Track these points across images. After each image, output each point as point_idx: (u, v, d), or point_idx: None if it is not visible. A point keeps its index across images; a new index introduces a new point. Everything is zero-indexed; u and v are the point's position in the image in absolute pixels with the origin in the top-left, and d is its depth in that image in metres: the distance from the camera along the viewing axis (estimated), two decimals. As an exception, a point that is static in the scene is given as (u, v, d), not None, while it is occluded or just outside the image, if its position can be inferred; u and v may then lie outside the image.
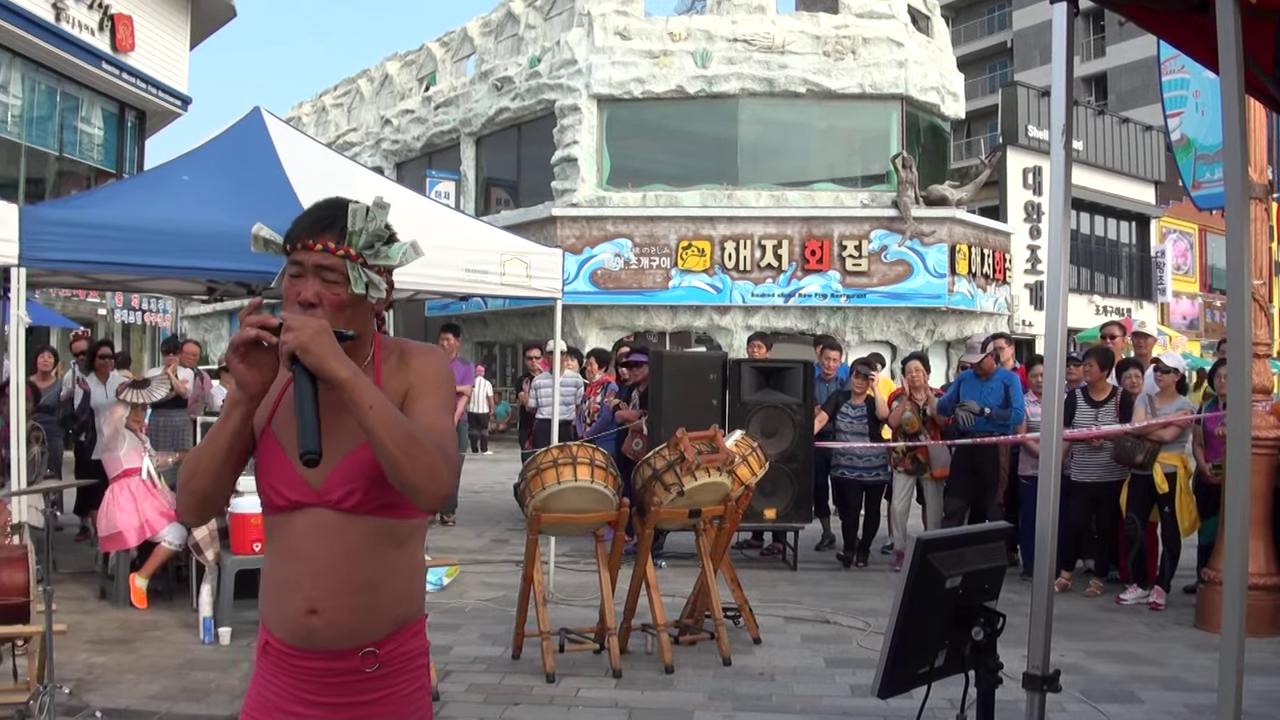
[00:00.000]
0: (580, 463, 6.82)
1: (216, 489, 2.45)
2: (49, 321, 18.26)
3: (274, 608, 2.46)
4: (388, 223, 2.51)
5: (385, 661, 2.48)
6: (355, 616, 2.42)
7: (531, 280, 9.07)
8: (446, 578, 9.63)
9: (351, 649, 2.44)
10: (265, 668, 2.52)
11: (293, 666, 2.46)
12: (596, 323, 25.26)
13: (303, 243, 2.42)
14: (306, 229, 2.44)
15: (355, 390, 2.25)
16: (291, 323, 2.25)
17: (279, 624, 2.46)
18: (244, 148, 8.57)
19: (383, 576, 2.45)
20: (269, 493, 2.45)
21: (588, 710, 6.16)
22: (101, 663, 6.95)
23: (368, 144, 35.14)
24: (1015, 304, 28.65)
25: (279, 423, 2.45)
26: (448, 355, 13.44)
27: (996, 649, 2.96)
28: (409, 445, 2.27)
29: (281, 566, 2.45)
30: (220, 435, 2.39)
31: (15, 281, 7.12)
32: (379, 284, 2.50)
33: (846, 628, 8.14)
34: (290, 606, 2.41)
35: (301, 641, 2.43)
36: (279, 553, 2.46)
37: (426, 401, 2.50)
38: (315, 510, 2.40)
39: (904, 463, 10.55)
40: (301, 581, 2.40)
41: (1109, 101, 45.87)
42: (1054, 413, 3.48)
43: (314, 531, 2.40)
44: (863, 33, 26.18)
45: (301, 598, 2.39)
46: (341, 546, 2.41)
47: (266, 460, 2.45)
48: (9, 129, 18.92)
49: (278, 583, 2.45)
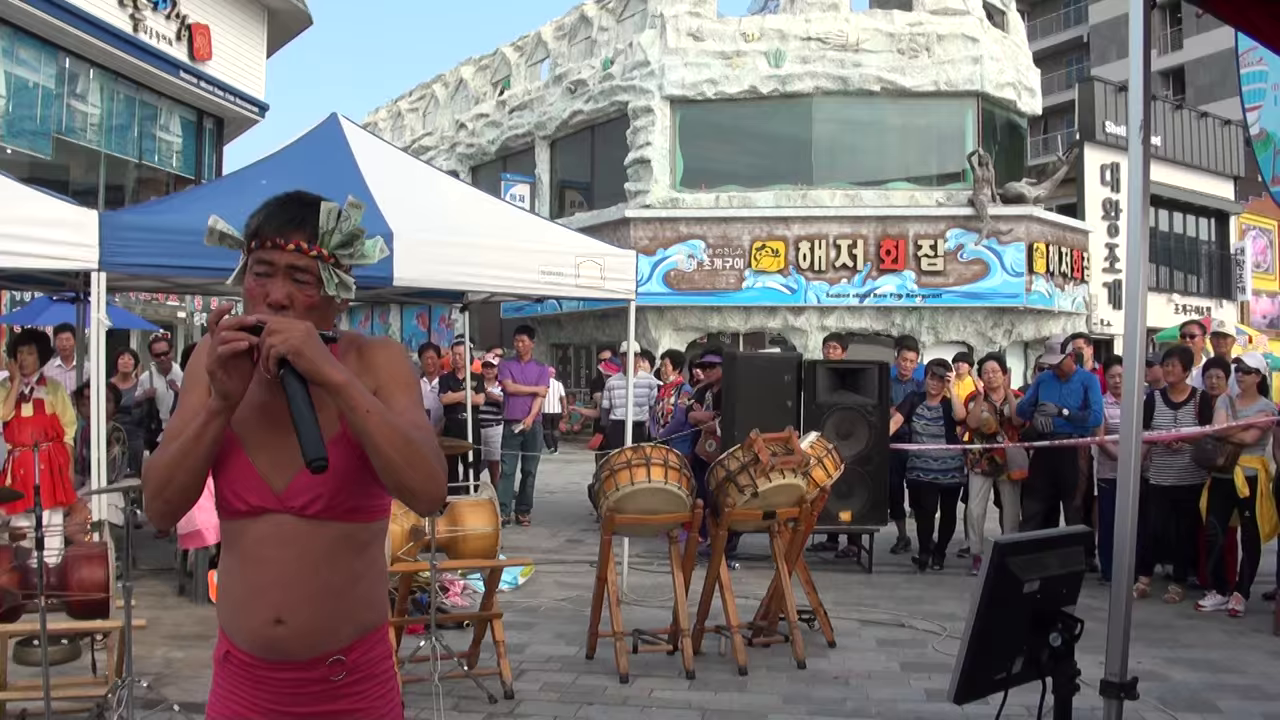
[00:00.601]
0: (654, 464, 6.84)
1: (190, 499, 2.35)
2: (129, 324, 18.60)
3: (236, 618, 2.38)
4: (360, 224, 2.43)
5: (352, 669, 2.43)
6: (322, 625, 2.36)
7: (605, 282, 9.10)
8: (521, 577, 9.70)
9: (319, 658, 2.38)
10: (226, 678, 2.45)
11: (257, 677, 2.39)
12: (670, 324, 25.27)
13: (272, 241, 2.33)
14: (276, 227, 2.34)
15: (351, 395, 2.21)
16: (276, 325, 2.20)
17: (242, 635, 2.38)
18: (321, 153, 8.68)
19: (348, 583, 2.39)
20: (229, 497, 2.36)
21: (661, 711, 6.17)
22: (179, 658, 7.08)
23: (443, 148, 35.40)
24: (1093, 303, 28.21)
25: (241, 424, 2.35)
26: (522, 356, 13.57)
27: (1074, 655, 2.93)
28: (408, 450, 2.25)
29: (243, 575, 2.36)
30: (199, 446, 2.27)
31: (95, 285, 7.28)
32: (349, 284, 2.42)
33: (922, 632, 8.08)
34: (255, 617, 2.33)
35: (267, 652, 2.36)
36: (240, 561, 2.36)
37: (401, 399, 2.43)
38: (277, 516, 2.32)
39: (981, 464, 10.45)
40: (266, 591, 2.32)
41: (1187, 95, 45.02)
42: (1133, 415, 3.43)
43: (276, 539, 2.32)
44: (937, 29, 25.94)
45: (266, 607, 2.32)
46: (306, 554, 2.33)
47: (227, 463, 2.36)
48: (88, 137, 19.30)
49: (240, 593, 2.36)
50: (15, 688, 5.63)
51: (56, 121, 18.29)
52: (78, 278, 9.11)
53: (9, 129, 17.23)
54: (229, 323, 2.21)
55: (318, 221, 2.36)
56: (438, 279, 8.38)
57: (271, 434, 2.35)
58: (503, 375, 13.58)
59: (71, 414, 8.68)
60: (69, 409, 8.69)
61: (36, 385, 8.61)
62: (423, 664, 6.33)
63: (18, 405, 8.51)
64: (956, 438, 10.76)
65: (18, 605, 5.44)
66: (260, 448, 2.35)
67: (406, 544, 6.59)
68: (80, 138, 19.09)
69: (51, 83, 18.10)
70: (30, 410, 8.52)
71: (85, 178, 19.78)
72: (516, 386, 13.42)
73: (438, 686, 5.87)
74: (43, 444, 8.41)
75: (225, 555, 2.43)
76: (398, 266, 7.89)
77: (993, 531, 10.23)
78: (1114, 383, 9.97)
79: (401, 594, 6.56)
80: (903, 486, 11.21)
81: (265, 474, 2.33)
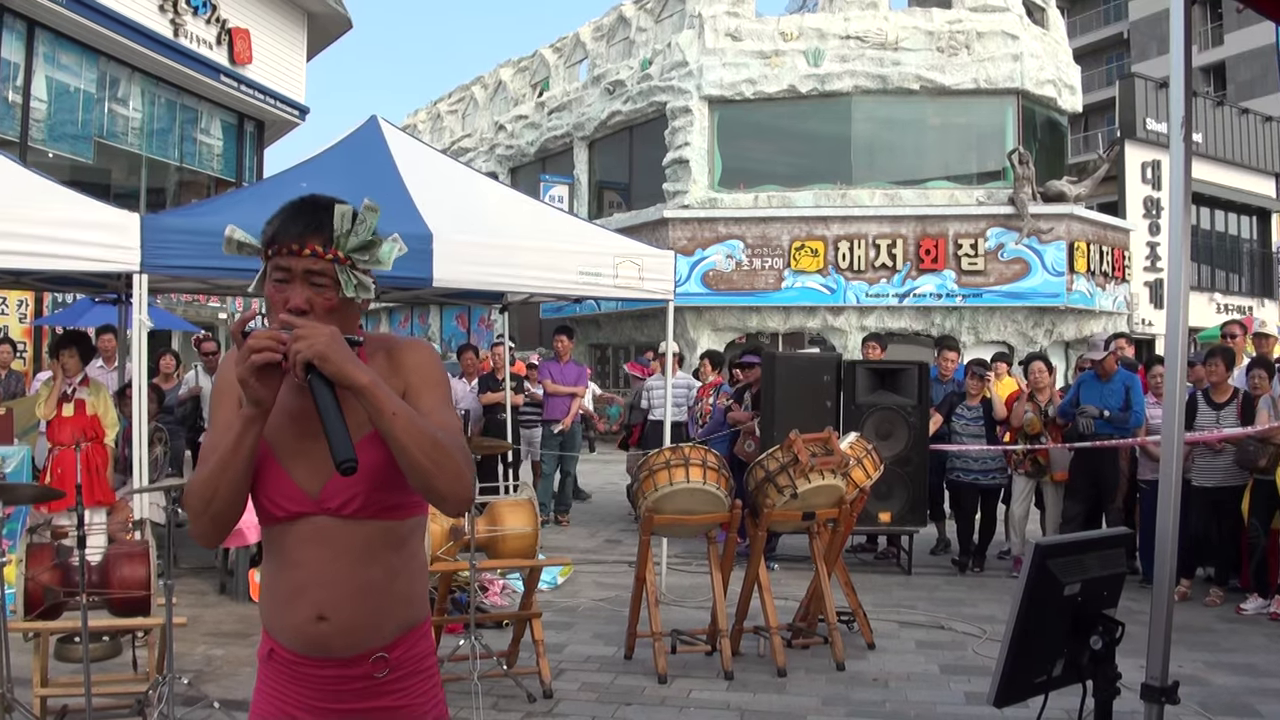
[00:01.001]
0: (692, 464, 6.83)
1: (236, 511, 2.37)
2: (170, 325, 18.77)
3: (279, 617, 2.41)
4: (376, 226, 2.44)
5: (395, 666, 2.45)
6: (364, 622, 2.39)
7: (644, 282, 9.11)
8: (560, 577, 9.71)
9: (362, 655, 2.40)
10: (271, 676, 2.47)
11: (302, 675, 2.42)
12: (708, 324, 25.24)
13: (288, 247, 2.34)
14: (292, 233, 2.35)
15: (377, 397, 2.22)
16: (302, 330, 2.21)
17: (285, 633, 2.41)
18: (361, 155, 8.73)
19: (387, 579, 2.41)
20: (266, 505, 2.38)
21: (699, 712, 6.16)
22: (220, 655, 7.14)
23: (482, 149, 35.51)
24: (1135, 303, 27.97)
25: (271, 432, 2.36)
26: (561, 357, 13.59)
27: (1115, 659, 2.90)
28: (435, 451, 2.25)
29: (285, 576, 2.39)
30: (238, 457, 2.29)
31: (137, 287, 7.35)
32: (368, 285, 2.42)
33: (962, 634, 8.04)
34: (298, 615, 2.36)
35: (311, 649, 2.39)
36: (281, 563, 2.40)
37: (429, 399, 2.44)
38: (315, 519, 2.35)
39: (1024, 465, 10.37)
40: (307, 589, 2.35)
41: (1228, 92, 44.47)
42: (1175, 415, 3.39)
43: (316, 540, 2.35)
44: (977, 26, 25.78)
45: (308, 605, 2.35)
46: (344, 552, 2.35)
47: (261, 472, 2.38)
48: (129, 141, 19.51)
49: (282, 593, 2.40)
50: (57, 684, 5.69)
51: (98, 125, 18.49)
52: (120, 280, 9.21)
53: (50, 133, 17.43)
54: (260, 335, 2.21)
55: (332, 225, 2.36)
56: (477, 280, 8.40)
57: (302, 439, 2.37)
58: (542, 375, 13.62)
59: (113, 416, 8.76)
60: (110, 411, 8.78)
61: (79, 386, 8.70)
62: (462, 663, 6.34)
63: (59, 405, 8.61)
64: (997, 438, 10.69)
65: (59, 603, 5.50)
66: (292, 453, 2.37)
67: (446, 543, 6.62)
68: (121, 141, 19.29)
69: (92, 87, 18.30)
70: (71, 410, 8.62)
71: (127, 181, 19.99)
72: (555, 387, 13.45)
73: (477, 685, 5.89)
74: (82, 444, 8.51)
75: (267, 559, 2.46)
76: (437, 268, 7.91)
77: (1033, 533, 10.16)
78: (1155, 383, 9.87)
79: (441, 593, 6.58)
80: (942, 487, 11.14)
81: (300, 479, 2.35)
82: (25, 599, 5.44)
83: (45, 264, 7.32)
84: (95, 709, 5.17)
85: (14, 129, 16.54)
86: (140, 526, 6.37)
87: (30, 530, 6.03)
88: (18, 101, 16.64)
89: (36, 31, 16.81)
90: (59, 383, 8.81)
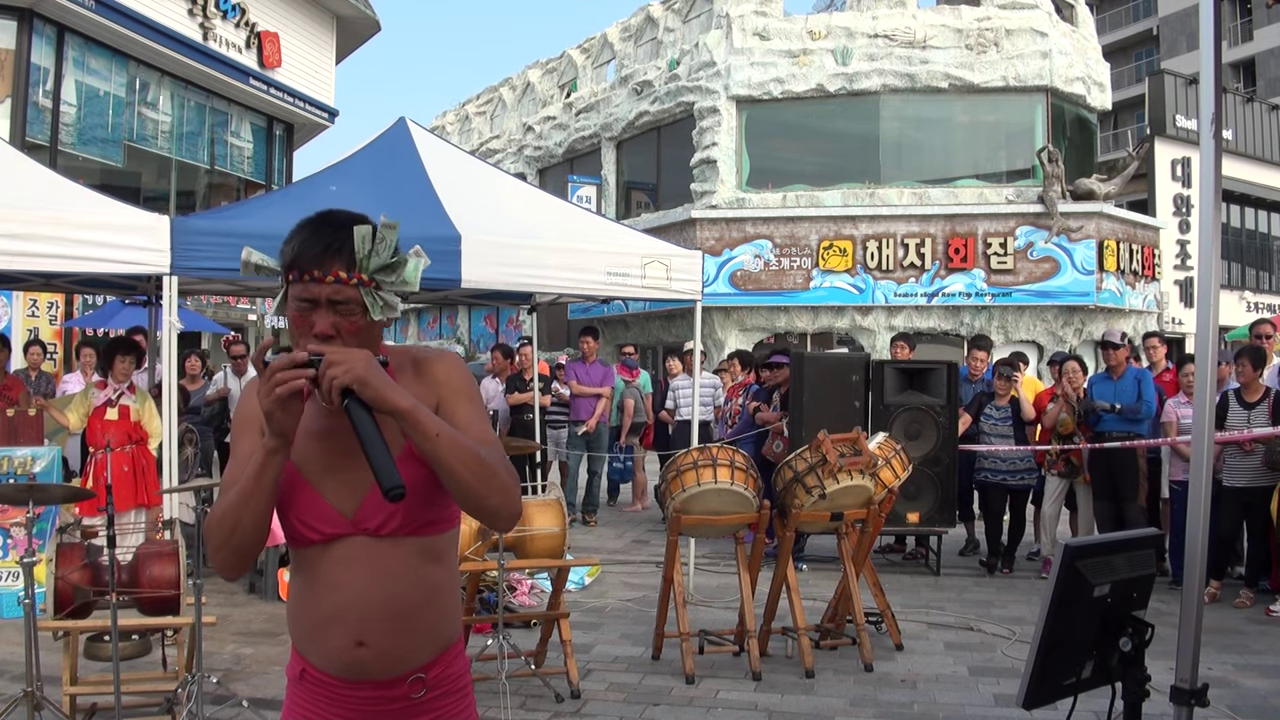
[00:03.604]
0: (720, 465, 6.82)
1: (259, 542, 2.32)
2: (200, 327, 18.91)
3: (314, 641, 2.36)
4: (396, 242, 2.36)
5: (433, 685, 2.42)
6: (402, 644, 2.35)
7: (672, 283, 9.09)
8: (588, 577, 9.72)
9: (400, 677, 2.37)
10: (303, 696, 2.43)
11: (337, 696, 2.38)
12: (736, 324, 25.21)
13: (310, 274, 2.26)
14: (313, 258, 2.27)
15: (419, 419, 2.19)
16: (335, 356, 2.17)
17: (321, 657, 2.36)
18: (390, 157, 8.75)
19: (426, 598, 2.37)
20: (299, 529, 2.33)
21: (727, 712, 6.15)
22: (249, 654, 7.17)
23: (510, 151, 35.58)
24: (1165, 301, 27.77)
25: (299, 455, 2.32)
26: (587, 357, 13.60)
27: (1144, 661, 2.87)
28: (481, 470, 2.23)
29: (321, 600, 2.33)
30: (261, 488, 2.24)
31: (167, 289, 7.40)
32: (394, 304, 2.37)
33: (991, 635, 7.99)
34: (336, 640, 2.32)
35: (348, 673, 2.35)
36: (316, 586, 2.34)
37: (464, 413, 2.40)
38: (351, 540, 2.31)
39: (1058, 465, 10.30)
40: (345, 614, 2.30)
41: (1257, 88, 44.13)
42: (1205, 415, 3.36)
43: (353, 561, 2.30)
44: (1005, 24, 25.67)
45: (346, 630, 2.31)
46: (384, 574, 2.31)
47: (292, 497, 2.33)
48: (159, 144, 19.66)
49: (318, 616, 2.34)
50: (86, 682, 5.73)
51: (128, 129, 18.64)
52: (149, 282, 9.26)
53: (80, 137, 17.58)
54: (282, 361, 2.17)
55: (353, 246, 2.28)
56: (505, 281, 8.41)
57: (333, 459, 2.34)
58: (568, 376, 13.64)
59: (157, 424, 8.80)
60: (155, 419, 8.83)
61: (126, 392, 8.77)
62: (490, 663, 6.36)
63: (104, 408, 8.68)
64: (1025, 438, 10.63)
65: (89, 602, 5.54)
66: (324, 475, 2.33)
67: (474, 543, 6.63)
68: (151, 145, 19.44)
69: (122, 91, 18.45)
70: (115, 415, 8.68)
71: (157, 184, 20.14)
72: (581, 388, 13.46)
73: (505, 685, 5.90)
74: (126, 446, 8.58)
75: (296, 579, 2.41)
76: (465, 269, 7.92)
77: (1062, 534, 10.09)
78: (1186, 382, 9.79)
79: (469, 593, 6.60)
80: (971, 488, 11.09)
81: (334, 501, 2.31)
82: (55, 598, 5.48)
83: (76, 266, 7.37)
84: (124, 707, 5.20)
85: (44, 133, 16.68)
86: (170, 526, 6.41)
87: (60, 530, 6.06)
88: (48, 106, 16.79)
89: (66, 36, 16.97)
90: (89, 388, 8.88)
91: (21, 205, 6.93)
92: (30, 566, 5.11)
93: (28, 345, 13.01)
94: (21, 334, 15.20)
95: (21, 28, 16.10)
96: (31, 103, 16.36)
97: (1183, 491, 9.15)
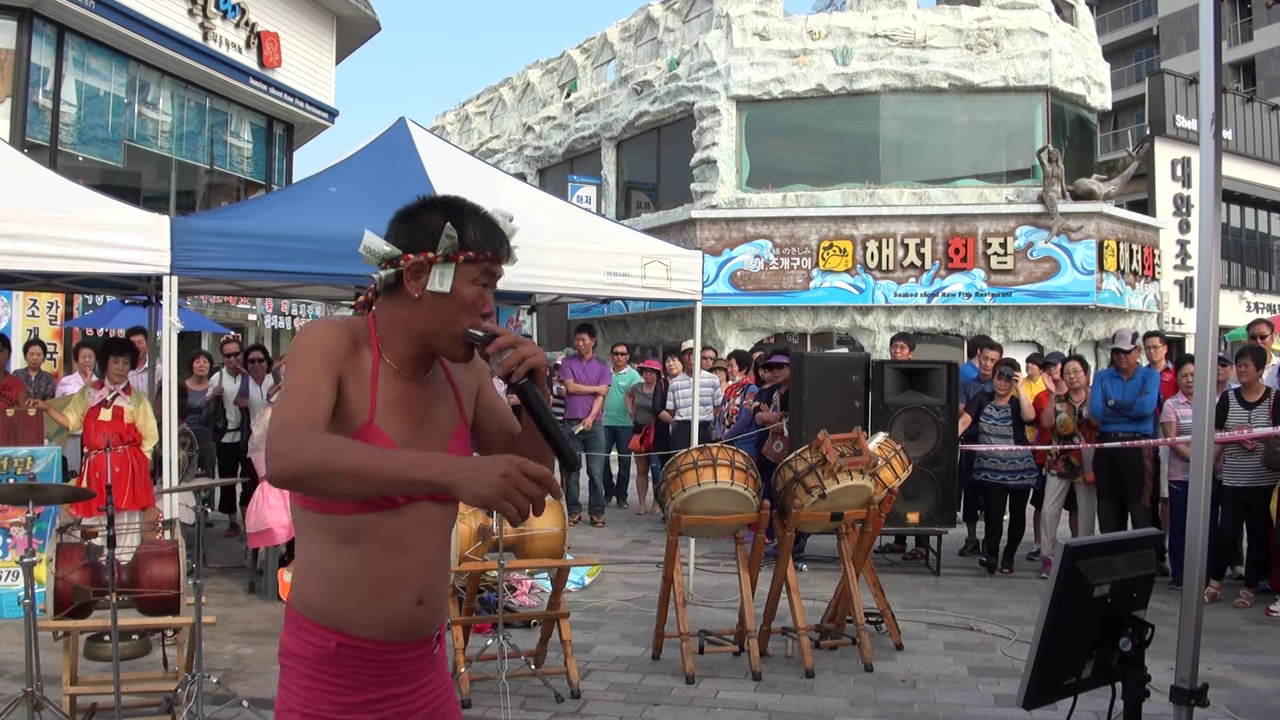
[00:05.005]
0: (720, 464, 6.82)
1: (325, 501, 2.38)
2: (200, 327, 18.88)
3: (371, 606, 2.42)
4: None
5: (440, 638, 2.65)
6: (443, 600, 2.60)
7: (671, 283, 9.09)
8: (588, 577, 9.72)
9: (435, 632, 2.59)
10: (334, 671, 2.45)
11: (382, 661, 2.47)
12: (736, 324, 25.20)
13: (496, 255, 2.52)
14: (501, 243, 2.53)
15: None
16: (527, 343, 2.41)
17: (374, 622, 2.43)
18: (390, 157, 8.75)
19: (448, 557, 2.64)
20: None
21: (727, 712, 6.15)
22: (249, 654, 7.18)
23: (510, 151, 35.56)
24: (1165, 301, 27.75)
25: (386, 422, 2.41)
26: (583, 356, 13.61)
27: (1144, 661, 2.87)
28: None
29: (386, 563, 2.42)
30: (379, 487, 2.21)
31: (167, 289, 7.40)
32: None
33: (991, 635, 8.00)
34: (400, 602, 2.44)
35: (402, 634, 2.48)
36: (379, 551, 2.41)
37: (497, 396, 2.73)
38: (421, 505, 2.44)
39: (1058, 465, 10.31)
40: (411, 575, 2.45)
41: (1257, 88, 44.09)
42: (1205, 415, 3.36)
43: (422, 526, 2.46)
44: (1005, 24, 25.65)
45: (411, 591, 2.45)
46: (439, 535, 2.53)
47: None
48: (159, 144, 19.66)
49: (381, 580, 2.42)
50: (86, 682, 5.73)
51: (128, 129, 18.64)
52: (150, 282, 9.26)
53: (80, 137, 17.57)
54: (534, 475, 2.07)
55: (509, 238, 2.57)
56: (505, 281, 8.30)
57: (412, 428, 2.47)
58: (564, 374, 13.62)
59: (152, 426, 8.80)
60: (150, 421, 8.83)
61: (121, 393, 8.76)
62: (490, 663, 6.36)
63: (98, 409, 8.67)
64: (1025, 438, 10.63)
65: (89, 602, 5.53)
66: (405, 443, 2.43)
67: (474, 543, 6.63)
68: (151, 145, 19.44)
69: (122, 91, 18.45)
70: (109, 415, 8.67)
71: (156, 184, 20.15)
72: (577, 386, 13.46)
73: (505, 685, 5.90)
74: (120, 446, 8.57)
75: (349, 550, 2.42)
76: (465, 268, 7.90)
77: (1062, 534, 10.10)
78: (1185, 382, 9.79)
79: (470, 593, 6.60)
80: (970, 487, 11.08)
81: None
82: (55, 598, 5.48)
83: (76, 266, 7.37)
84: (124, 707, 5.19)
85: (44, 133, 16.68)
86: (170, 526, 6.41)
87: (60, 530, 6.06)
88: (48, 106, 16.79)
89: (66, 36, 16.96)
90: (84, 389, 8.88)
91: (21, 205, 6.93)
92: (30, 566, 5.11)
93: (28, 345, 13.01)
94: (21, 334, 15.18)
95: (21, 28, 16.09)
96: (31, 103, 16.36)
97: (1182, 491, 9.15)
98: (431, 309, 2.45)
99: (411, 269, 2.44)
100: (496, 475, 2.06)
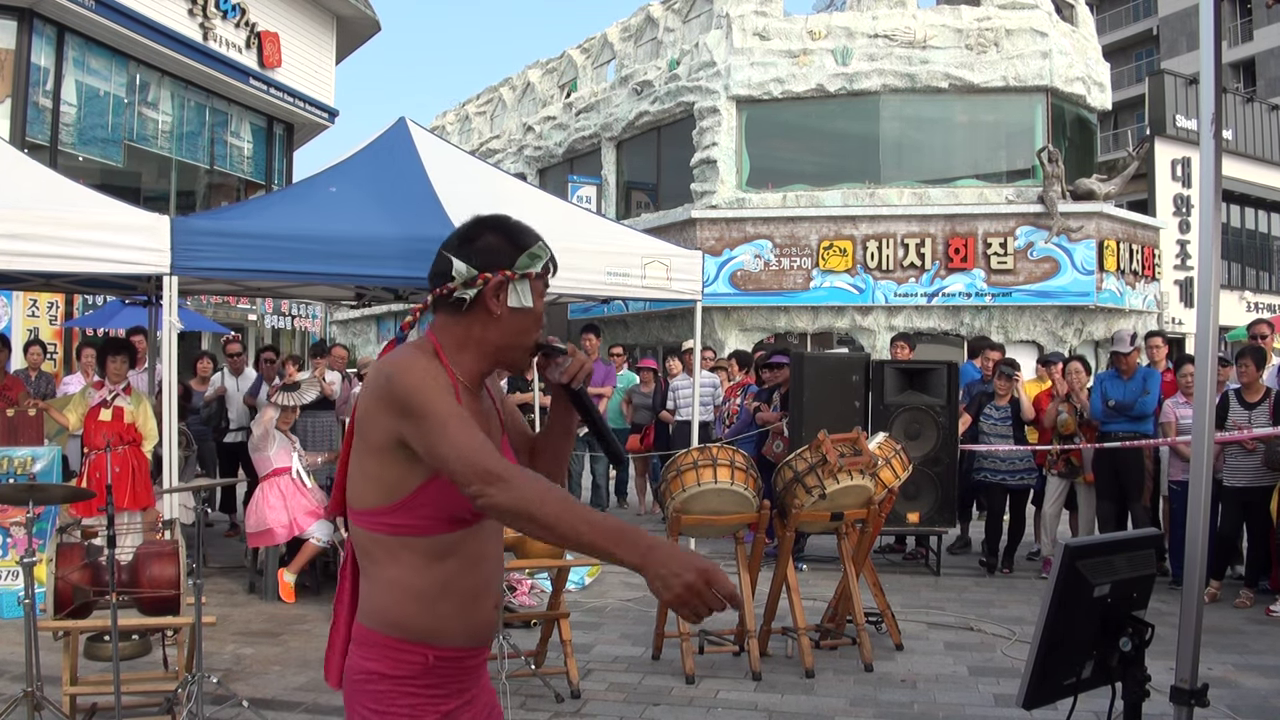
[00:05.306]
0: (720, 464, 6.82)
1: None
2: (200, 327, 18.88)
3: (464, 616, 2.51)
4: None
5: None
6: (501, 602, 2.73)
7: (672, 282, 9.10)
8: (588, 577, 9.71)
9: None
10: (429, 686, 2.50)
11: (463, 669, 2.57)
12: (736, 324, 25.19)
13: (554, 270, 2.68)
14: (552, 257, 2.66)
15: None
16: (580, 355, 2.66)
17: (466, 630, 2.54)
18: (390, 157, 8.75)
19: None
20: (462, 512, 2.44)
21: (727, 712, 6.15)
22: (249, 654, 7.17)
23: (510, 151, 35.55)
24: (1165, 301, 27.74)
25: None
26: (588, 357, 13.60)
27: (1144, 661, 2.87)
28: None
29: (473, 574, 2.53)
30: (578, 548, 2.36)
31: (167, 289, 7.40)
32: None
33: (991, 635, 8.00)
34: (485, 609, 2.57)
35: (483, 640, 2.62)
36: (465, 564, 2.51)
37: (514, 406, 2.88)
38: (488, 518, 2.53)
39: (1058, 465, 10.30)
40: (492, 582, 2.60)
41: (1258, 88, 44.06)
42: (1205, 415, 3.35)
43: (494, 536, 2.62)
44: (1005, 24, 25.64)
45: (491, 597, 2.59)
46: (500, 543, 2.69)
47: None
48: (159, 144, 19.66)
49: (471, 591, 2.52)
50: (86, 682, 5.73)
51: (128, 129, 18.63)
52: (150, 282, 9.26)
53: (80, 137, 17.57)
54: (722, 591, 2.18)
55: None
56: (504, 281, 8.39)
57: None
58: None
59: (152, 426, 8.80)
60: (150, 421, 8.82)
61: (121, 393, 8.76)
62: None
63: (97, 409, 8.67)
64: (1025, 439, 10.63)
65: (89, 602, 5.53)
66: None
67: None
68: (151, 145, 19.44)
69: (122, 91, 18.45)
70: (109, 415, 8.67)
71: (157, 184, 20.14)
72: (582, 386, 13.42)
73: (505, 685, 5.89)
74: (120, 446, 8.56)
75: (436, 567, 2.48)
76: (465, 269, 7.90)
77: (1062, 534, 10.09)
78: (1185, 383, 9.78)
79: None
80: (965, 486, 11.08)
81: None
82: (55, 598, 5.48)
83: (76, 266, 7.38)
84: (124, 707, 5.19)
85: (44, 133, 16.67)
86: (170, 526, 6.41)
87: (60, 530, 6.06)
88: (48, 106, 16.79)
89: (66, 36, 16.96)
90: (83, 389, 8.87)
91: (21, 205, 6.93)
92: (30, 566, 5.11)
93: (28, 345, 13.00)
94: (21, 334, 15.19)
95: (21, 28, 16.09)
96: (31, 103, 16.35)
97: (1182, 491, 9.15)
98: (510, 324, 2.57)
99: (493, 287, 2.53)
100: (682, 585, 2.15)
